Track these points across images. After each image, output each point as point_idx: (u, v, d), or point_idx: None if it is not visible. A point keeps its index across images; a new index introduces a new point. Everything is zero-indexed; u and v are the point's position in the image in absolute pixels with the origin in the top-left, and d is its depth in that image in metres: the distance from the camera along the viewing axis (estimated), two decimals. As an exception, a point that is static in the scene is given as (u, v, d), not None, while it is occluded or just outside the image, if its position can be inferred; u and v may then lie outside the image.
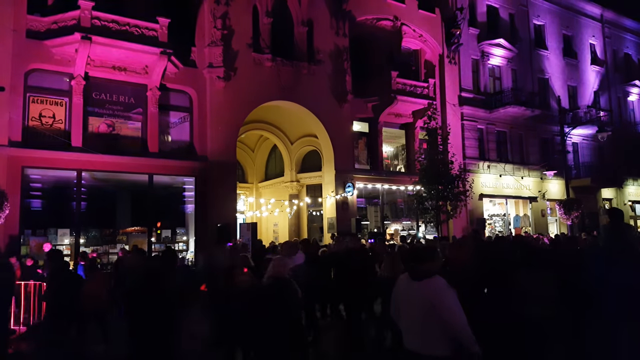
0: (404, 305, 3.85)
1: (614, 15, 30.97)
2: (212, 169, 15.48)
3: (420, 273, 3.72)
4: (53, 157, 13.14)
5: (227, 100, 15.93)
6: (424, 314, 3.59)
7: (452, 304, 3.57)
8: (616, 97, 30.31)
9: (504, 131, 24.26)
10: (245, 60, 16.38)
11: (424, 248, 4.37)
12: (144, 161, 14.51)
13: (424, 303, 3.59)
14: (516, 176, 23.97)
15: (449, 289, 3.62)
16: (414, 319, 3.72)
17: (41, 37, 13.26)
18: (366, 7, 19.79)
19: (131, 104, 14.80)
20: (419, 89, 20.39)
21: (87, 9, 13.10)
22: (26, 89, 13.18)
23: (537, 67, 26.27)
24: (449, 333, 3.54)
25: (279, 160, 21.54)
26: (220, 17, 15.90)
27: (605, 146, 26.04)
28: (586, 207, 23.10)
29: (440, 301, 3.55)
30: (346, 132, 18.75)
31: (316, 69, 17.96)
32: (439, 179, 17.17)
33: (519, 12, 25.98)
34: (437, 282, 3.65)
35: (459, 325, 3.53)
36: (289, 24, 17.87)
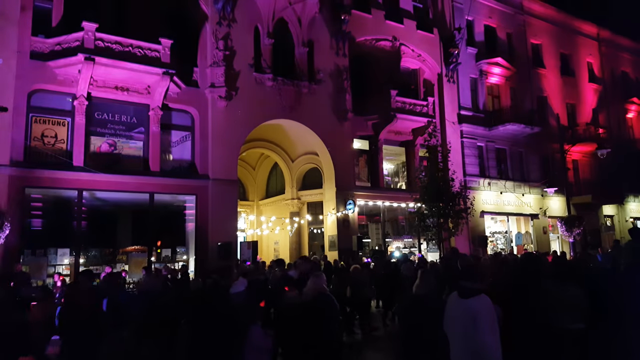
0: (450, 322, 4.03)
1: (610, 34, 31.35)
2: (213, 188, 15.50)
3: (468, 291, 3.88)
4: (54, 176, 13.18)
5: (228, 119, 16.04)
6: (466, 329, 3.74)
7: (491, 323, 3.72)
8: (615, 114, 30.48)
9: (503, 148, 24.34)
10: (246, 80, 16.55)
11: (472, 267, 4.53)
12: (145, 180, 14.54)
13: (466, 319, 3.75)
14: (517, 193, 23.97)
15: (492, 309, 3.78)
16: (457, 334, 3.87)
17: (45, 58, 13.42)
18: (365, 28, 20.06)
19: (133, 124, 14.90)
20: (419, 107, 20.54)
21: (90, 31, 13.28)
22: (29, 109, 13.30)
23: (536, 85, 26.49)
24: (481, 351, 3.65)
25: (279, 177, 21.58)
26: (222, 38, 16.11)
27: (605, 163, 26.07)
28: (588, 224, 23.04)
29: (481, 318, 3.71)
30: (347, 150, 18.83)
31: (317, 88, 18.12)
32: (440, 196, 17.18)
33: (517, 31, 26.31)
34: (483, 300, 3.83)
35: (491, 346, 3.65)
36: (290, 44, 18.09)
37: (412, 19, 21.62)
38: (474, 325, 3.70)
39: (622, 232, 28.15)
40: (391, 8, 21.22)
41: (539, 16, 27.58)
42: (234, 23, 16.43)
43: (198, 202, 15.45)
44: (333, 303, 5.41)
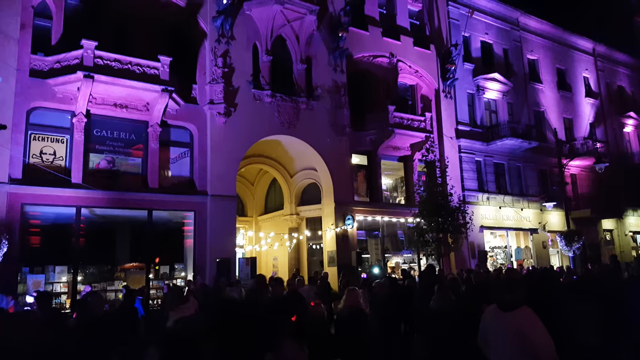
0: (493, 336, 3.96)
1: (605, 49, 31.68)
2: (212, 204, 15.49)
3: (509, 304, 3.85)
4: (53, 194, 13.17)
5: (227, 136, 16.10)
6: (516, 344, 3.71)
7: (544, 331, 3.71)
8: (612, 128, 30.66)
9: (501, 163, 24.40)
10: (245, 96, 16.65)
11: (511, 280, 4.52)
12: (144, 197, 14.53)
13: (515, 333, 3.72)
14: (516, 208, 23.96)
15: (538, 318, 3.77)
16: (505, 349, 3.82)
17: (44, 76, 13.52)
18: (363, 45, 20.26)
19: (132, 141, 14.94)
20: (416, 122, 20.65)
21: (90, 49, 13.39)
22: (28, 126, 13.34)
23: (533, 100, 26.67)
24: None
25: (278, 193, 21.58)
26: (221, 56, 16.25)
27: (603, 177, 26.13)
28: (587, 238, 23.03)
29: (532, 330, 3.69)
30: (345, 165, 18.87)
31: (315, 104, 18.24)
32: (439, 211, 17.17)
33: (513, 47, 26.58)
34: (527, 312, 3.80)
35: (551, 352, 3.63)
36: (288, 61, 18.25)
37: (409, 36, 21.86)
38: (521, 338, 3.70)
39: (622, 246, 28.14)
40: (388, 25, 21.46)
41: (534, 32, 27.90)
42: (232, 41, 16.59)
43: (197, 219, 15.42)
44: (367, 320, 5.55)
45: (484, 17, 25.25)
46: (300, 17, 17.51)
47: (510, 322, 3.77)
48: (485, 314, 4.13)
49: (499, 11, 26.11)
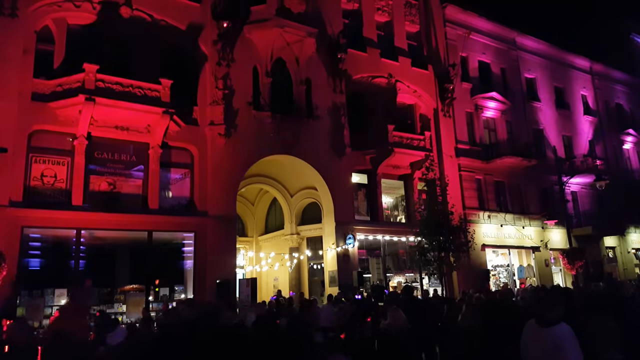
0: (532, 351, 4.17)
1: (602, 67, 31.99)
2: (212, 224, 15.47)
3: (547, 320, 4.07)
4: (53, 216, 13.16)
5: (227, 156, 16.17)
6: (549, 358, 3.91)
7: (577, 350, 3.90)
8: (611, 145, 30.77)
9: (502, 181, 24.42)
10: (245, 117, 16.77)
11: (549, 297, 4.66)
12: (144, 218, 14.52)
13: (552, 348, 3.92)
14: (517, 226, 23.90)
15: (575, 337, 3.95)
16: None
17: (46, 100, 13.61)
18: (361, 65, 20.48)
19: (132, 162, 15.00)
20: (416, 141, 20.74)
21: (91, 72, 13.52)
22: (29, 149, 13.39)
23: (531, 119, 26.83)
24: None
25: (279, 213, 21.55)
26: (222, 78, 16.42)
27: (604, 194, 26.12)
28: (590, 256, 22.97)
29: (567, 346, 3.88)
30: (345, 184, 18.89)
31: (315, 124, 18.35)
32: (440, 230, 17.13)
33: (510, 66, 26.85)
34: (564, 329, 4.00)
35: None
36: (288, 82, 18.43)
37: (407, 57, 22.12)
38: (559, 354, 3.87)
39: (625, 264, 27.98)
40: (386, 46, 21.73)
41: (531, 51, 28.21)
42: (233, 63, 16.78)
43: (197, 240, 15.38)
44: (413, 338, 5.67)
45: (481, 37, 25.57)
46: (300, 39, 17.75)
47: (549, 338, 3.98)
48: (525, 328, 4.34)
49: (495, 31, 26.45)
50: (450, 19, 24.33)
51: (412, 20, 23.13)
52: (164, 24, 16.00)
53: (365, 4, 21.45)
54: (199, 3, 16.71)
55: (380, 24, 22.18)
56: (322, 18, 19.30)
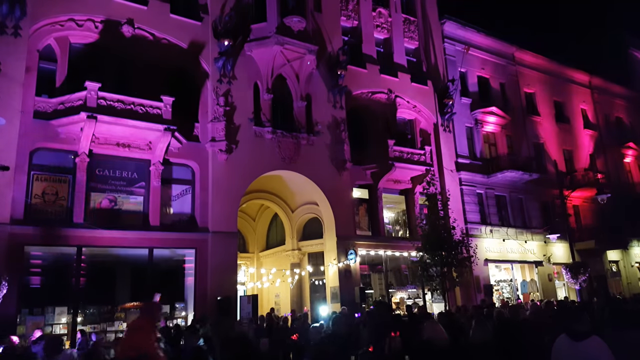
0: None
1: (601, 81, 32.16)
2: (213, 240, 15.44)
3: (580, 334, 4.15)
4: (54, 234, 13.15)
5: (228, 172, 16.21)
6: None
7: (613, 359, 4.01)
8: (612, 159, 30.78)
9: (503, 195, 24.39)
10: (246, 133, 16.85)
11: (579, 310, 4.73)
12: (145, 235, 14.51)
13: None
14: (519, 240, 23.81)
15: (608, 349, 4.03)
16: None
17: (48, 117, 13.71)
18: (361, 81, 20.64)
19: (134, 179, 15.03)
20: (416, 156, 20.78)
21: (93, 90, 13.64)
22: (31, 167, 13.44)
23: (532, 133, 26.91)
24: None
25: (280, 228, 21.51)
26: (223, 95, 16.55)
27: (606, 208, 26.05)
28: (593, 270, 22.79)
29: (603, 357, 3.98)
30: (346, 199, 18.89)
31: (315, 139, 18.42)
32: (442, 245, 17.04)
33: (510, 81, 27.03)
34: (598, 341, 4.09)
35: None
36: (289, 98, 18.55)
37: (406, 72, 22.29)
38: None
39: (629, 278, 27.78)
40: (385, 63, 21.93)
41: (530, 66, 28.41)
42: (234, 80, 16.93)
43: (197, 256, 15.34)
44: None
45: (479, 52, 25.78)
46: (300, 56, 17.91)
47: (583, 351, 4.06)
48: (556, 343, 4.41)
49: (494, 47, 26.68)
50: (448, 35, 24.57)
51: (411, 36, 23.36)
52: (166, 43, 16.19)
53: (364, 21, 21.70)
54: (200, 22, 16.92)
55: (380, 40, 22.41)
56: (322, 35, 19.52)
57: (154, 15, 16.05)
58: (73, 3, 14.77)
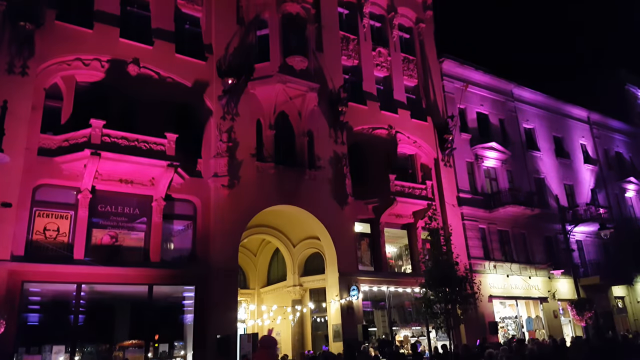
0: None
1: (600, 116, 32.56)
2: (214, 277, 15.29)
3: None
4: (54, 270, 13.06)
5: (230, 207, 16.22)
6: None
7: None
8: (613, 194, 30.81)
9: (506, 230, 24.29)
10: (249, 168, 16.97)
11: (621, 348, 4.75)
12: (145, 271, 14.39)
13: None
14: (523, 276, 23.55)
15: None
16: None
17: (52, 154, 13.84)
18: (362, 118, 20.93)
19: (135, 215, 15.03)
20: (417, 190, 20.82)
21: (98, 127, 13.80)
22: (33, 203, 13.48)
23: (532, 168, 27.04)
24: None
25: (281, 263, 21.34)
26: (226, 131, 16.77)
27: (609, 243, 25.89)
28: (599, 307, 22.47)
29: None
30: (348, 234, 18.81)
31: (317, 174, 18.53)
32: (445, 281, 16.83)
33: (508, 117, 27.37)
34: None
35: None
36: (291, 134, 18.77)
37: (406, 109, 22.63)
38: None
39: (635, 314, 27.32)
40: (386, 99, 22.31)
41: (529, 102, 28.83)
42: (237, 117, 17.17)
43: (197, 293, 15.17)
44: None
45: (478, 89, 26.22)
46: (302, 94, 18.24)
47: None
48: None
49: (492, 84, 27.16)
50: (447, 73, 25.07)
51: (410, 74, 23.83)
52: (171, 81, 16.53)
53: (364, 60, 22.21)
54: (204, 61, 17.32)
55: (380, 78, 22.86)
56: (324, 74, 19.93)
57: (160, 55, 16.45)
58: (80, 43, 15.17)
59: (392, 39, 23.62)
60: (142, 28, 16.67)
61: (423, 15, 25.10)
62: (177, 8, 17.61)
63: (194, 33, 17.91)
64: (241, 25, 18.42)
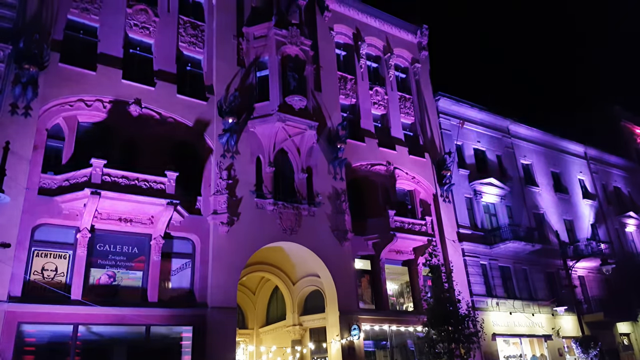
0: None
1: (596, 152, 32.87)
2: (212, 317, 15.07)
3: None
4: (51, 311, 12.90)
5: (229, 245, 16.16)
6: None
7: None
8: (613, 229, 30.75)
9: (507, 266, 24.12)
10: (248, 205, 17.01)
11: None
12: (143, 312, 14.17)
13: None
14: (527, 313, 23.21)
15: None
16: None
17: (52, 194, 13.90)
18: (360, 154, 21.17)
19: (134, 254, 14.94)
20: (417, 226, 20.79)
21: (98, 167, 13.92)
22: (32, 243, 13.44)
23: (531, 203, 27.09)
24: None
25: (280, 302, 21.05)
26: (226, 169, 16.92)
27: (612, 278, 25.65)
28: (604, 344, 22.02)
29: None
30: (348, 270, 18.66)
31: (316, 210, 18.56)
32: (448, 319, 16.58)
33: (506, 153, 27.64)
34: None
35: None
36: (290, 171, 18.93)
37: (404, 145, 22.94)
38: None
39: (642, 352, 26.72)
40: (383, 136, 22.64)
41: (525, 138, 29.18)
42: (237, 155, 17.37)
43: (195, 334, 14.88)
44: None
45: (474, 126, 26.61)
46: (301, 132, 18.50)
47: None
48: None
49: (489, 121, 27.56)
50: (443, 111, 25.51)
51: (407, 112, 24.27)
52: (172, 121, 16.79)
53: (362, 99, 22.67)
54: (205, 101, 17.66)
55: (377, 116, 23.26)
56: (322, 112, 20.31)
57: (161, 96, 16.77)
58: (83, 84, 15.49)
59: (388, 79, 24.18)
60: (145, 69, 17.09)
61: (418, 56, 25.77)
62: (179, 50, 18.09)
63: (195, 74, 18.34)
64: (242, 67, 18.89)
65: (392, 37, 25.04)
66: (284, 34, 19.27)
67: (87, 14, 16.57)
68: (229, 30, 19.19)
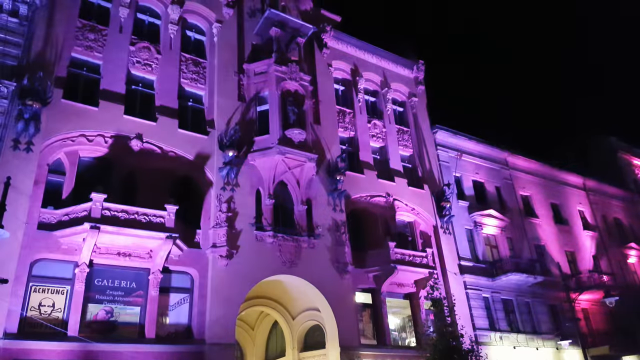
0: None
1: (595, 183, 32.95)
2: (209, 354, 14.77)
3: None
4: (47, 348, 12.65)
5: (228, 278, 16.02)
6: None
7: None
8: (615, 260, 30.53)
9: (510, 299, 23.83)
10: (247, 238, 16.95)
11: None
12: (140, 348, 13.91)
13: None
14: (530, 347, 22.77)
15: None
16: None
17: (51, 228, 13.88)
18: (360, 186, 21.25)
19: (132, 289, 14.78)
20: (418, 258, 20.65)
21: (98, 201, 13.95)
22: (30, 278, 13.32)
23: (532, 235, 27.00)
24: None
25: (280, 338, 20.66)
26: (226, 202, 16.96)
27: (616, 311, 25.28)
28: (612, 380, 21.49)
29: None
30: (349, 304, 18.42)
31: (316, 242, 18.48)
32: (452, 355, 16.23)
33: (504, 185, 27.73)
34: None
35: None
36: (290, 203, 18.96)
37: (403, 177, 23.07)
38: None
39: (652, 387, 26.07)
40: (382, 168, 22.80)
41: (523, 170, 29.32)
42: (237, 187, 17.44)
43: (193, 372, 14.56)
44: None
45: (472, 158, 26.80)
46: (301, 164, 18.64)
47: None
48: None
49: (486, 153, 27.78)
50: (441, 143, 25.75)
51: (405, 145, 24.53)
52: (173, 155, 16.94)
53: (360, 132, 22.96)
54: (206, 135, 17.87)
55: (376, 149, 23.49)
56: (321, 145, 20.51)
57: (163, 131, 16.97)
58: (85, 120, 15.69)
59: (386, 112, 24.54)
60: (147, 105, 17.36)
61: (415, 90, 26.23)
62: (180, 86, 18.42)
63: (196, 109, 18.63)
64: (242, 102, 19.21)
65: (389, 73, 25.55)
66: (283, 70, 19.68)
67: (91, 51, 16.97)
68: (230, 66, 19.60)
